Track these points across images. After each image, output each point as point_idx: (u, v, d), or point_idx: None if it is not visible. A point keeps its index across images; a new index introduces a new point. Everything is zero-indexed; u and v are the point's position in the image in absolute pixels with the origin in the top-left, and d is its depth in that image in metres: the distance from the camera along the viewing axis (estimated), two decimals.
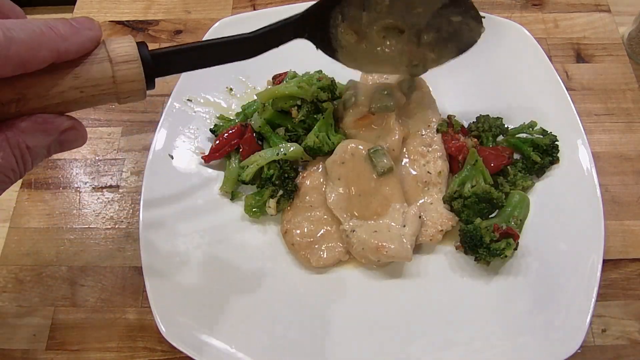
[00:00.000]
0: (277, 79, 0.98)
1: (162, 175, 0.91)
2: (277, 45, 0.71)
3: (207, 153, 0.94)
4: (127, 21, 1.18)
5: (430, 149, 0.90)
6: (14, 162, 0.49)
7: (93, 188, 0.98)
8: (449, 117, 0.94)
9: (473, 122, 0.95)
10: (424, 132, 0.91)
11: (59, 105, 0.51)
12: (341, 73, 0.98)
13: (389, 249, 0.80)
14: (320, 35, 0.76)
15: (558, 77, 0.95)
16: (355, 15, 0.77)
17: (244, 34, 0.67)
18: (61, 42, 0.49)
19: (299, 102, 0.91)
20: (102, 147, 1.02)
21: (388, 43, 0.81)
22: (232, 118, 0.99)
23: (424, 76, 0.97)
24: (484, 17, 0.80)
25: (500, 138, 0.94)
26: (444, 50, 0.82)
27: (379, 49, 0.81)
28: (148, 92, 0.57)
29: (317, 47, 0.78)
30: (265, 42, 0.69)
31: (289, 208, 0.89)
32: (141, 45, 0.55)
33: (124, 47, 0.54)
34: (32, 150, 0.50)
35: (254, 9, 1.17)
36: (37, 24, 0.47)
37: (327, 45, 0.78)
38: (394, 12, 0.77)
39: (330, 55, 0.80)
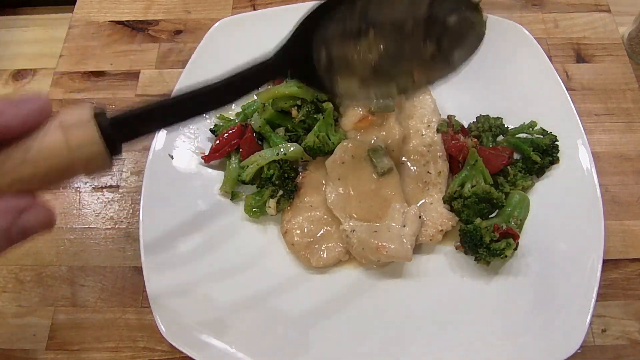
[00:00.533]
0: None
1: (162, 175, 0.91)
2: (254, 89, 0.65)
3: (207, 153, 0.94)
4: (127, 21, 1.18)
5: (430, 149, 0.90)
6: None
7: (93, 188, 0.98)
8: (449, 117, 0.94)
9: (473, 122, 0.95)
10: (424, 132, 0.91)
11: (12, 184, 0.46)
12: None
13: (389, 249, 0.80)
14: (305, 73, 0.67)
15: (558, 77, 0.95)
16: (339, 44, 0.67)
17: (213, 82, 0.60)
18: None
19: (299, 102, 0.91)
20: None
21: (386, 66, 0.70)
22: (232, 118, 0.99)
23: None
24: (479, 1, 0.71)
25: (500, 138, 0.94)
26: (453, 56, 0.73)
27: (376, 76, 0.71)
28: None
29: (303, 84, 0.70)
30: (239, 88, 0.63)
31: (289, 208, 0.89)
32: (98, 109, 0.50)
33: (75, 112, 0.49)
34: None
35: (254, 9, 1.17)
36: None
37: (317, 82, 0.68)
38: (382, 32, 0.68)
39: (324, 92, 0.72)
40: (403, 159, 0.91)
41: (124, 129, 0.52)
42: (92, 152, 0.49)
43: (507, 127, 0.94)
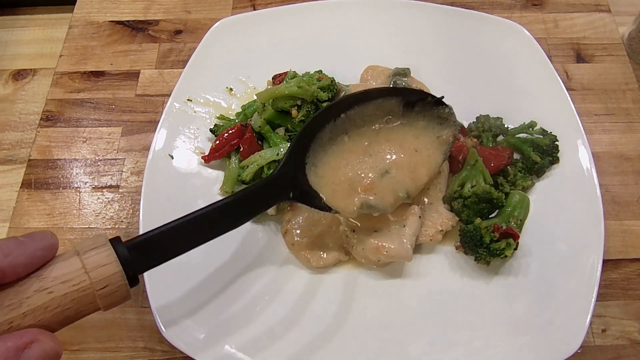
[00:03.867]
0: (277, 79, 0.98)
1: (162, 175, 0.91)
2: (262, 210, 0.68)
3: (207, 153, 0.94)
4: (127, 21, 1.18)
5: None
6: None
7: (93, 188, 0.98)
8: None
9: (473, 122, 0.95)
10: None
11: (26, 315, 0.44)
12: (341, 73, 0.99)
13: (389, 249, 0.80)
14: (306, 195, 0.73)
15: (558, 77, 0.95)
16: (331, 163, 0.75)
17: (222, 200, 0.62)
18: (2, 259, 0.44)
19: (299, 102, 0.91)
20: (102, 147, 1.02)
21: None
22: (232, 118, 0.99)
23: (423, 78, 0.97)
24: (442, 98, 0.81)
25: (500, 138, 0.94)
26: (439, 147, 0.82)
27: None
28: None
29: (310, 207, 0.75)
30: (249, 205, 0.65)
31: (289, 208, 0.89)
32: (114, 238, 0.51)
33: (92, 240, 0.49)
34: None
35: (254, 9, 1.17)
36: None
37: (319, 204, 0.75)
38: (362, 139, 0.77)
39: (326, 211, 0.76)
40: None
41: (140, 256, 0.53)
42: (109, 273, 0.48)
43: (507, 127, 0.94)
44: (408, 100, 0.79)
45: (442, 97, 0.81)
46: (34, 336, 0.44)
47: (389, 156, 0.79)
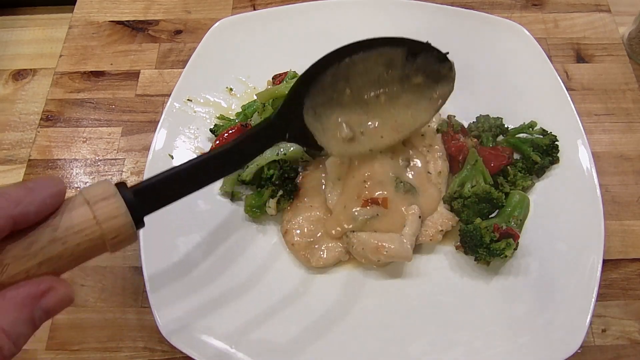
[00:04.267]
0: (277, 79, 0.98)
1: None
2: (260, 152, 0.70)
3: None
4: (127, 21, 1.18)
5: (430, 149, 0.90)
6: None
7: None
8: (449, 117, 0.94)
9: (473, 122, 0.95)
10: (423, 132, 0.91)
11: (42, 265, 0.46)
12: None
13: (389, 249, 0.80)
14: (301, 135, 0.75)
15: (558, 77, 0.95)
16: (324, 104, 0.76)
17: (223, 147, 0.64)
18: (14, 208, 0.44)
19: None
20: (102, 147, 1.02)
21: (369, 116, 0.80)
22: (232, 118, 0.99)
23: None
24: (447, 54, 0.80)
25: (500, 138, 0.94)
26: (432, 101, 0.83)
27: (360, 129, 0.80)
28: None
29: (303, 147, 0.78)
30: (248, 149, 0.67)
31: (289, 208, 0.89)
32: (120, 184, 0.52)
33: (99, 186, 0.50)
34: (9, 332, 0.43)
35: (254, 9, 1.17)
36: None
37: (312, 143, 0.77)
38: (360, 88, 0.77)
39: (318, 151, 0.78)
40: (403, 159, 0.91)
41: (145, 200, 0.54)
42: (120, 223, 0.49)
43: (507, 127, 0.94)
44: (412, 51, 0.78)
45: (447, 52, 0.80)
46: (49, 284, 0.46)
47: (381, 106, 0.80)
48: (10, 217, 0.44)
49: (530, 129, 0.92)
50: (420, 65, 0.80)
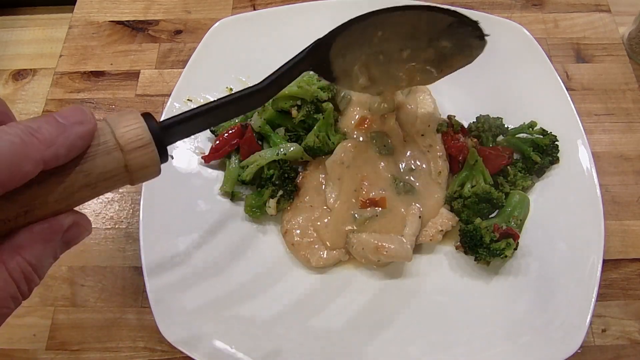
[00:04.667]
0: None
1: (162, 175, 0.90)
2: (285, 86, 0.70)
3: (207, 153, 0.94)
4: (127, 21, 1.18)
5: (430, 149, 0.90)
6: (15, 289, 0.44)
7: None
8: (449, 117, 0.94)
9: (473, 122, 0.95)
10: (424, 132, 0.91)
11: (70, 205, 0.46)
12: None
13: (389, 249, 0.80)
14: (323, 68, 0.75)
15: (558, 77, 0.95)
16: (353, 48, 0.76)
17: (254, 86, 0.64)
18: (45, 150, 0.42)
19: (299, 102, 0.91)
20: None
21: (388, 66, 0.79)
22: None
23: None
24: (487, 36, 0.78)
25: (500, 138, 0.94)
26: (444, 66, 0.81)
27: (379, 72, 0.80)
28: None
29: (320, 77, 0.78)
30: (276, 87, 0.67)
31: (289, 208, 0.89)
32: (149, 120, 0.49)
33: (133, 129, 0.48)
34: (36, 265, 0.44)
35: (254, 9, 1.17)
36: (15, 131, 0.41)
37: (330, 75, 0.76)
38: (390, 40, 0.76)
39: (333, 82, 0.78)
40: (403, 159, 0.91)
41: (172, 135, 0.54)
42: (150, 172, 0.50)
43: (507, 127, 0.94)
44: (460, 22, 0.77)
45: (488, 35, 0.78)
46: (73, 219, 0.47)
47: (402, 61, 0.80)
48: (41, 160, 0.42)
49: (530, 129, 0.92)
50: (459, 36, 0.78)
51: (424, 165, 0.89)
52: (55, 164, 0.43)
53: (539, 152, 0.89)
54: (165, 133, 0.51)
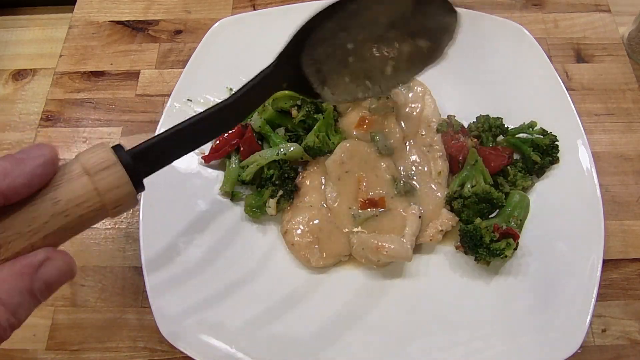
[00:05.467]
0: None
1: (162, 175, 0.90)
2: (259, 105, 0.67)
3: (207, 153, 0.94)
4: (127, 21, 1.18)
5: (430, 149, 0.90)
6: None
7: None
8: (449, 117, 0.94)
9: (473, 122, 0.95)
10: (424, 132, 0.91)
11: (46, 238, 0.45)
12: None
13: (389, 249, 0.80)
14: (299, 84, 0.70)
15: (558, 77, 0.95)
16: (324, 52, 0.71)
17: (221, 102, 0.61)
18: (1, 181, 0.42)
19: (299, 102, 0.91)
20: None
21: (365, 65, 0.75)
22: None
23: (422, 78, 0.97)
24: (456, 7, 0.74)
25: (500, 138, 0.94)
26: (426, 49, 0.76)
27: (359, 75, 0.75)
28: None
29: (299, 95, 0.73)
30: (246, 103, 0.64)
31: (289, 208, 0.89)
32: (117, 148, 0.49)
33: (97, 153, 0.48)
34: (6, 300, 0.41)
35: (254, 9, 1.17)
36: None
37: (309, 91, 0.72)
38: (360, 35, 0.72)
39: (314, 99, 0.75)
40: (403, 160, 0.91)
41: (146, 163, 0.53)
42: (122, 193, 0.48)
43: (507, 127, 0.94)
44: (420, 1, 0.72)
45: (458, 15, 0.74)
46: (47, 254, 0.45)
47: (380, 52, 0.75)
48: None
49: (530, 129, 0.92)
50: (429, 13, 0.73)
51: (424, 166, 0.89)
52: (17, 195, 0.43)
53: (539, 152, 0.89)
54: (135, 159, 0.50)
